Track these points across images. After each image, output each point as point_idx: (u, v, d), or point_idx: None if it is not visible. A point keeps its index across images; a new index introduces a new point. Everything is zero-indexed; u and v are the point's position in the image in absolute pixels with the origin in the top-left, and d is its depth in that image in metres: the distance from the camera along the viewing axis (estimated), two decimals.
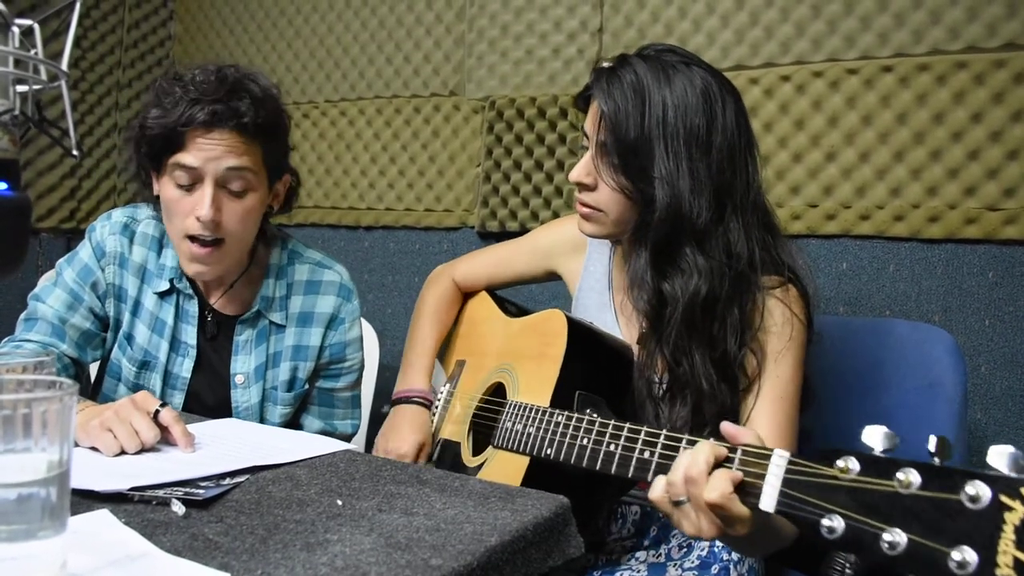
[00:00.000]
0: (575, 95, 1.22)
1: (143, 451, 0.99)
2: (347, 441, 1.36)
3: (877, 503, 0.65)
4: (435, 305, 1.51)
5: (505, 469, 1.15)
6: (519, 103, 2.11)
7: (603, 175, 1.13)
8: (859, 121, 1.69)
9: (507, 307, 1.47)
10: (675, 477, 0.82)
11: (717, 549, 1.10)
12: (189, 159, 1.21)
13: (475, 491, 0.90)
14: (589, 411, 1.04)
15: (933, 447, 0.63)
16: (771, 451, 0.77)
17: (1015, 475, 0.58)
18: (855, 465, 0.67)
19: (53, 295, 1.33)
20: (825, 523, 0.67)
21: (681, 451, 0.87)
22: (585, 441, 1.00)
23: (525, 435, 1.11)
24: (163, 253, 1.37)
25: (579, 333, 1.18)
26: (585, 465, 0.99)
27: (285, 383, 1.41)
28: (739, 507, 0.77)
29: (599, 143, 1.13)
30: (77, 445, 1.00)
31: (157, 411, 1.03)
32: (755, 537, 0.82)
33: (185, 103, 1.20)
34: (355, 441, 1.52)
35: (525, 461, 1.11)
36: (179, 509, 0.80)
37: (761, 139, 1.71)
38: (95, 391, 1.43)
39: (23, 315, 1.33)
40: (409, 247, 2.35)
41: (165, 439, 1.03)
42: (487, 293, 1.52)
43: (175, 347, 1.37)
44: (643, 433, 0.93)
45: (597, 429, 0.99)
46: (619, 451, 0.95)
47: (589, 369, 1.16)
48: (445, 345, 1.53)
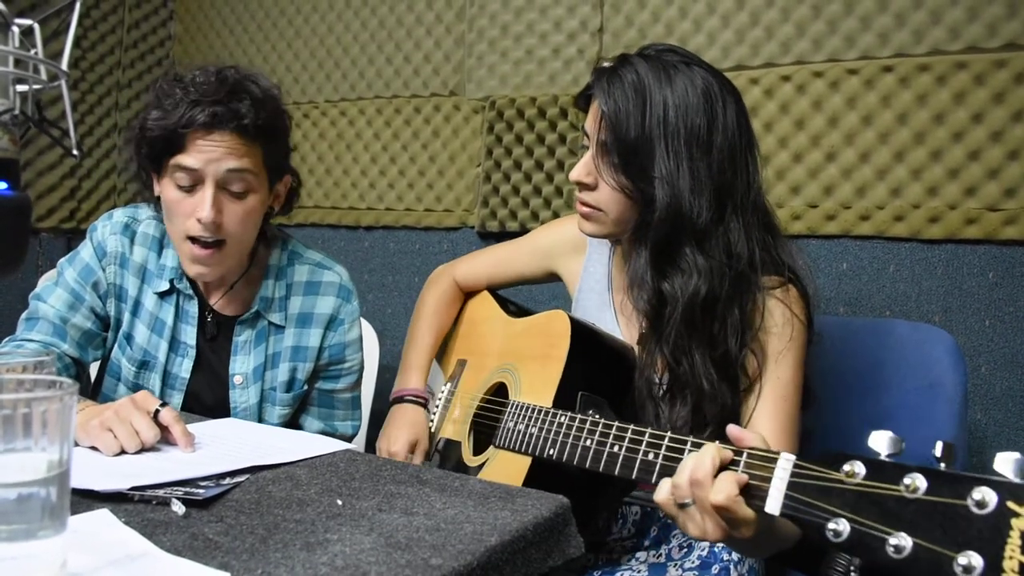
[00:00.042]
0: (575, 95, 1.22)
1: (143, 451, 0.99)
2: (348, 442, 1.36)
3: (883, 507, 0.65)
4: (435, 305, 1.51)
5: (507, 469, 1.15)
6: (519, 103, 2.11)
7: (603, 175, 1.13)
8: (859, 121, 1.68)
9: (509, 307, 1.47)
10: (681, 479, 0.82)
11: (717, 549, 1.10)
12: (189, 161, 1.21)
13: (475, 491, 0.90)
14: (592, 412, 1.04)
15: (939, 452, 0.64)
16: (777, 454, 0.77)
17: (1021, 481, 0.58)
18: (861, 469, 0.68)
19: (54, 295, 1.33)
20: (831, 526, 0.67)
21: (686, 454, 0.86)
22: (589, 442, 1.00)
23: (528, 435, 1.11)
24: (163, 253, 1.37)
25: (582, 334, 1.18)
26: (588, 466, 0.99)
27: (284, 384, 1.40)
28: (745, 510, 0.77)
29: (600, 142, 1.13)
30: (77, 445, 1.00)
31: (157, 411, 1.03)
32: (759, 539, 0.81)
33: (185, 105, 1.19)
34: (355, 442, 1.52)
35: (527, 461, 1.11)
36: (179, 509, 0.80)
37: (761, 139, 1.71)
38: (95, 391, 1.43)
39: (24, 315, 1.33)
40: (409, 247, 2.35)
41: (165, 439, 1.03)
42: (488, 293, 1.52)
43: (174, 347, 1.37)
44: (647, 435, 0.93)
45: (601, 430, 0.99)
46: (623, 452, 0.95)
47: (592, 370, 1.16)
48: (446, 344, 1.53)
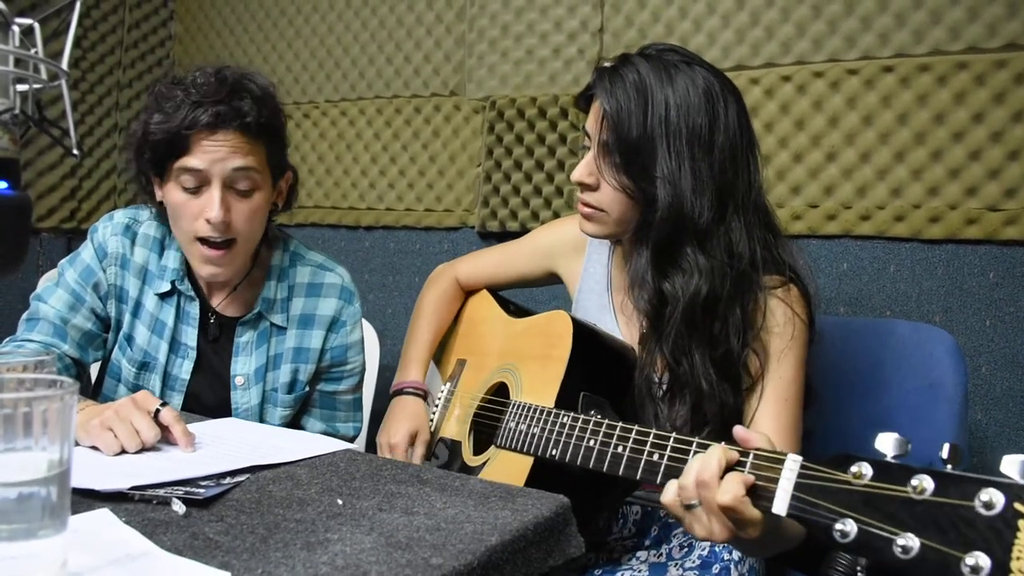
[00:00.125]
0: (576, 95, 1.22)
1: (143, 450, 0.99)
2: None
3: (890, 509, 0.65)
4: (435, 303, 1.51)
5: (508, 469, 1.15)
6: (520, 103, 2.11)
7: (605, 175, 1.13)
8: (860, 121, 1.68)
9: (509, 307, 1.46)
10: (687, 481, 0.82)
11: (718, 549, 1.10)
12: (195, 162, 1.21)
13: (475, 490, 0.90)
14: (594, 412, 1.04)
15: (946, 454, 0.64)
16: (784, 455, 0.77)
17: None
18: (868, 471, 0.68)
19: (55, 295, 1.33)
20: (838, 527, 0.68)
21: (691, 455, 0.86)
22: (592, 442, 1.00)
23: (529, 435, 1.11)
24: (164, 254, 1.37)
25: (584, 335, 1.18)
26: (592, 467, 0.99)
27: (285, 385, 1.40)
28: (751, 510, 0.78)
29: (601, 142, 1.12)
30: (77, 444, 1.00)
31: (157, 410, 1.03)
32: (765, 540, 0.82)
33: (187, 106, 1.19)
34: (356, 442, 1.52)
35: (529, 461, 1.10)
36: (179, 508, 0.80)
37: (762, 139, 1.71)
38: (96, 391, 1.43)
39: (25, 315, 1.33)
40: (409, 247, 2.34)
41: (165, 438, 1.03)
42: (488, 292, 1.51)
43: (174, 348, 1.37)
44: (652, 436, 0.92)
45: (604, 431, 0.99)
46: (627, 453, 0.94)
47: (593, 370, 1.16)
48: (445, 343, 1.53)
